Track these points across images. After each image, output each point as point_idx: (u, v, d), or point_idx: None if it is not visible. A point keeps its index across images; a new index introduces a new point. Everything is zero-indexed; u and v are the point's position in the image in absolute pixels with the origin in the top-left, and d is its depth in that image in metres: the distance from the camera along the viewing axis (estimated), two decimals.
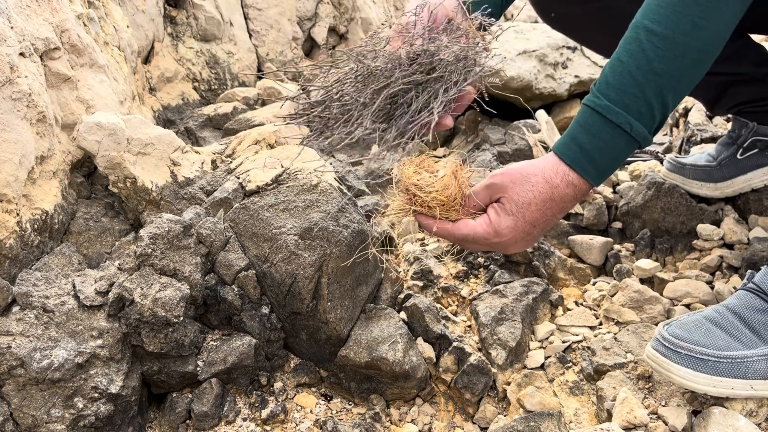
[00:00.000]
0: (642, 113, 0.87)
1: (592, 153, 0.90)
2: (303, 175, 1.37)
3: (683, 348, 0.92)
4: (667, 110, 0.89)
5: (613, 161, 0.92)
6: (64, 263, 1.16)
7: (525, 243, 0.99)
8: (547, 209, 0.93)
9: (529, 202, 0.93)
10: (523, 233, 0.95)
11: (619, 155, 0.92)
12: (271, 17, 2.76)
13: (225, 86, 2.46)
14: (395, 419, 1.18)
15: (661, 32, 0.85)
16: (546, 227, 0.97)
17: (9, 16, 1.18)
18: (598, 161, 0.90)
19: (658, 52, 0.85)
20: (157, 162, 1.40)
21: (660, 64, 0.86)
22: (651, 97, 0.87)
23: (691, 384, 0.91)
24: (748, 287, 1.00)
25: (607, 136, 0.89)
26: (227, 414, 1.13)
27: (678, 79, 0.87)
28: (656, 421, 0.95)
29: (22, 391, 0.96)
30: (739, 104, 1.37)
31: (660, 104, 0.88)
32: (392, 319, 1.24)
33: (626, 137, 0.88)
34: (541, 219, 0.94)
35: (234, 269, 1.21)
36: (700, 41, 0.85)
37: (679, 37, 0.85)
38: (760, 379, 0.91)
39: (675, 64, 0.86)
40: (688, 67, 0.87)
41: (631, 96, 0.87)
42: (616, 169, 1.05)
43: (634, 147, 0.91)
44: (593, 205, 1.57)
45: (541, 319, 1.31)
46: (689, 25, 0.84)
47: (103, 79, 1.51)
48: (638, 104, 0.87)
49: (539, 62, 2.17)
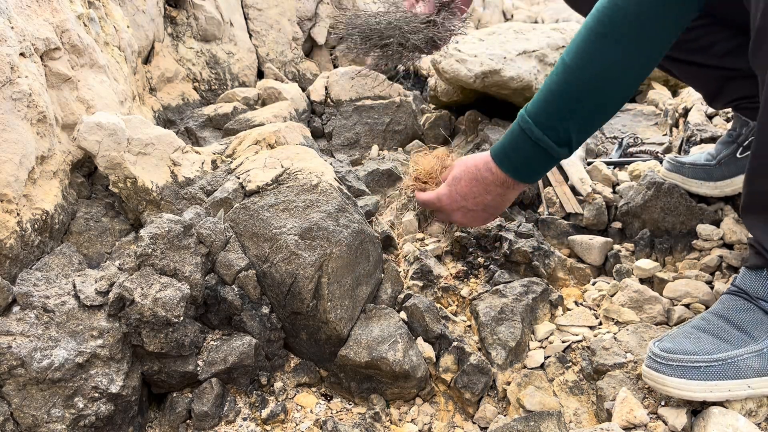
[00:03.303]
0: (550, 128, 1.07)
1: (507, 151, 1.14)
2: (303, 175, 1.37)
3: (674, 360, 0.93)
4: (570, 126, 1.06)
5: (525, 161, 1.13)
6: (65, 263, 1.16)
7: (463, 214, 1.26)
8: (473, 186, 1.21)
9: (461, 178, 1.23)
10: (455, 203, 1.24)
11: (531, 160, 1.12)
12: (272, 17, 2.76)
13: (225, 86, 2.46)
14: (395, 419, 1.18)
15: (569, 64, 1.03)
16: (477, 203, 1.22)
17: (9, 16, 1.18)
18: (511, 157, 1.14)
19: (562, 80, 1.05)
20: (157, 162, 1.40)
21: (565, 89, 1.05)
22: (556, 117, 1.07)
23: (688, 393, 0.92)
24: (730, 290, 1.02)
25: (520, 141, 1.11)
26: (227, 414, 1.13)
27: (576, 103, 1.05)
28: (656, 420, 0.96)
29: (22, 390, 0.97)
30: (737, 99, 1.37)
31: (561, 122, 1.06)
32: (392, 319, 1.24)
33: (533, 145, 1.09)
34: (470, 194, 1.22)
35: (234, 269, 1.21)
36: (592, 73, 1.02)
37: (576, 69, 1.03)
38: (756, 376, 0.91)
39: (574, 89, 1.04)
40: (585, 94, 1.04)
41: (543, 114, 1.08)
42: (537, 170, 1.16)
43: (543, 155, 1.10)
44: (593, 205, 1.57)
45: (540, 319, 1.31)
46: (585, 59, 1.02)
47: (103, 79, 1.51)
48: (549, 121, 1.07)
49: (539, 62, 2.17)
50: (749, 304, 0.98)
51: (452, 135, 2.32)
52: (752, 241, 1.02)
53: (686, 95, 2.12)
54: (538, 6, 5.96)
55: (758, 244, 1.00)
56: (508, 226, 1.49)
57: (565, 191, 1.66)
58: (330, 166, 1.46)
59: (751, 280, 0.99)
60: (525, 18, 5.57)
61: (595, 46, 1.01)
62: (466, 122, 2.25)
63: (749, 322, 0.95)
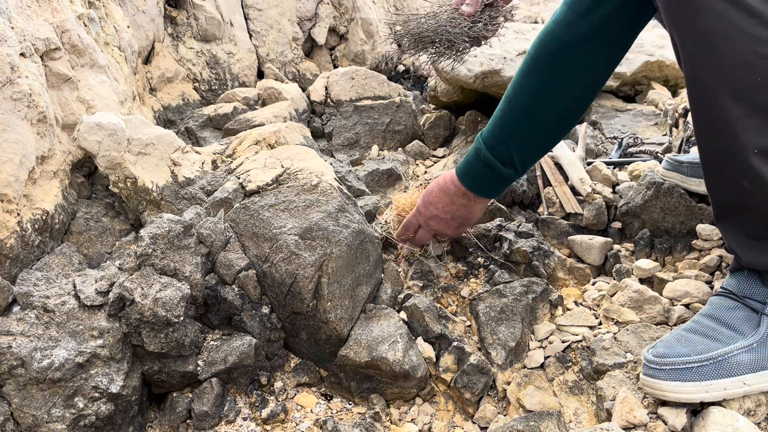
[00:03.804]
0: (495, 148, 1.20)
1: (465, 167, 1.27)
2: (303, 175, 1.37)
3: (668, 364, 0.93)
4: (511, 149, 1.19)
5: (479, 178, 1.25)
6: (65, 263, 1.16)
7: (436, 222, 1.33)
8: (441, 196, 1.31)
9: (433, 189, 1.34)
10: (428, 211, 1.34)
11: (483, 178, 1.25)
12: (272, 17, 2.76)
13: (225, 86, 2.46)
14: (395, 419, 1.18)
15: (508, 92, 1.17)
16: (446, 212, 1.32)
17: (9, 16, 1.18)
18: (468, 174, 1.26)
19: (503, 106, 1.18)
20: (157, 162, 1.41)
21: (504, 115, 1.19)
22: (500, 139, 1.19)
23: (684, 396, 0.91)
24: (718, 291, 1.03)
25: (473, 159, 1.24)
26: (227, 413, 1.13)
27: (514, 126, 1.18)
28: (656, 420, 0.96)
29: (22, 390, 0.97)
30: None
31: (503, 144, 1.19)
32: (392, 319, 1.24)
33: (482, 163, 1.22)
34: (439, 203, 1.32)
35: (234, 269, 1.22)
36: (521, 101, 1.15)
37: (513, 96, 1.16)
38: (749, 372, 0.90)
39: (510, 116, 1.18)
40: (519, 121, 1.17)
41: (490, 136, 1.21)
42: (489, 187, 1.27)
43: (492, 173, 1.22)
44: (593, 205, 1.57)
45: (540, 318, 1.31)
46: (517, 89, 1.16)
47: (103, 79, 1.51)
48: (495, 142, 1.20)
49: None
50: (736, 303, 0.98)
51: (452, 135, 2.32)
52: (727, 246, 1.03)
53: (686, 95, 2.12)
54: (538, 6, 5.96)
55: (731, 249, 1.01)
56: (508, 226, 1.49)
57: (565, 191, 1.66)
58: (330, 166, 1.46)
59: (737, 281, 1.00)
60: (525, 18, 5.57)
61: (524, 76, 1.14)
62: (466, 122, 2.25)
63: (737, 319, 0.96)
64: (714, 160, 0.93)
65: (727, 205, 0.97)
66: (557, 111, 1.16)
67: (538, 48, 1.12)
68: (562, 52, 1.09)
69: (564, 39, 1.08)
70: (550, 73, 1.11)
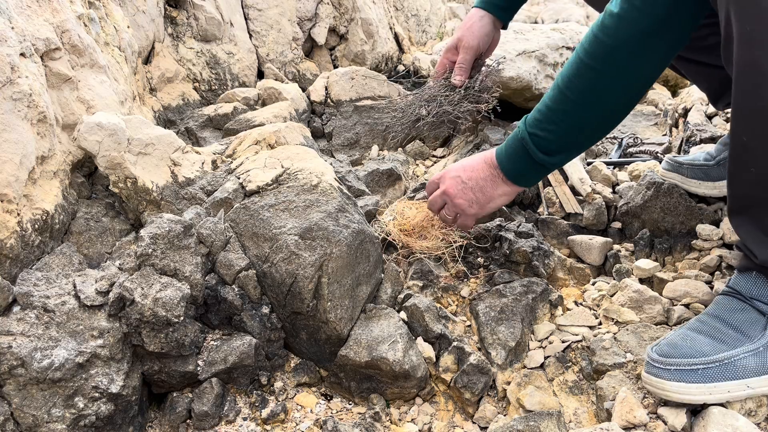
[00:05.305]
0: (543, 138, 1.15)
1: (508, 151, 1.22)
2: (303, 175, 1.37)
3: (672, 364, 0.93)
4: (550, 136, 1.15)
5: (511, 154, 1.21)
6: (65, 263, 1.16)
7: (455, 183, 1.30)
8: (474, 158, 1.29)
9: (465, 166, 1.30)
10: (455, 170, 1.31)
11: (522, 164, 1.20)
12: (272, 18, 2.76)
13: (225, 86, 2.46)
14: (395, 419, 1.18)
15: (559, 84, 1.13)
16: (470, 177, 1.28)
17: (10, 16, 1.18)
18: (505, 148, 1.23)
19: (553, 95, 1.14)
20: (157, 162, 1.41)
21: (552, 105, 1.14)
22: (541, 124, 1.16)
23: (687, 397, 0.91)
24: (724, 291, 1.02)
25: (517, 147, 1.20)
26: (227, 413, 1.13)
27: (562, 115, 1.14)
28: (655, 420, 0.96)
29: (22, 390, 0.97)
30: None
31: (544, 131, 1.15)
32: (392, 319, 1.24)
33: (526, 152, 1.18)
34: (468, 165, 1.29)
35: (234, 269, 1.22)
36: (573, 97, 1.10)
37: (564, 89, 1.11)
38: (754, 376, 0.91)
39: (561, 107, 1.13)
40: (567, 114, 1.14)
41: (532, 119, 1.17)
42: (519, 168, 1.23)
43: (525, 154, 1.18)
44: (593, 205, 1.57)
45: (540, 318, 1.31)
46: (569, 85, 1.11)
47: (103, 79, 1.51)
48: (536, 124, 1.16)
49: (539, 62, 2.17)
50: (743, 304, 0.98)
51: (452, 135, 2.32)
52: (739, 244, 1.02)
53: (686, 95, 2.12)
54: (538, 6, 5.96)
55: (744, 247, 1.00)
56: (508, 226, 1.49)
57: (565, 191, 1.66)
58: (330, 167, 1.46)
59: (744, 281, 1.00)
60: (525, 18, 5.57)
61: (577, 74, 1.10)
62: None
63: (744, 321, 0.96)
64: (747, 150, 0.90)
65: (750, 199, 0.95)
66: (610, 106, 1.12)
67: (593, 42, 1.06)
68: (622, 47, 1.03)
69: (627, 34, 1.02)
70: (606, 70, 1.06)
